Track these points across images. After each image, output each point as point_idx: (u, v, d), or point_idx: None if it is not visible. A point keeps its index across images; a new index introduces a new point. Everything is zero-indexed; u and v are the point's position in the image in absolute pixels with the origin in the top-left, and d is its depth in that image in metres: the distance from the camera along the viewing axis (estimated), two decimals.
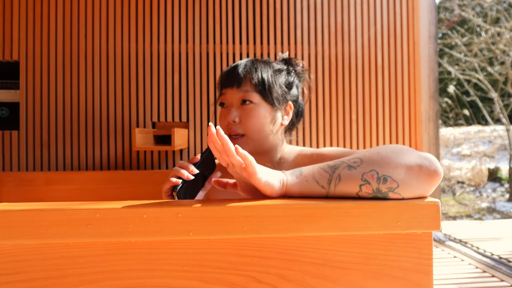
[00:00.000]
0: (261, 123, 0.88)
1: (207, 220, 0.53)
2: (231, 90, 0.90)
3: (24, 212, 0.52)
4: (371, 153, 0.61)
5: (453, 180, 6.29)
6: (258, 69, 0.91)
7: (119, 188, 1.43)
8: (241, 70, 0.90)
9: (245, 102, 0.88)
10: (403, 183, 0.57)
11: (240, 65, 0.91)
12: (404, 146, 0.62)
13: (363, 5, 1.64)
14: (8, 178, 1.41)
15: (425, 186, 0.58)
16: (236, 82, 0.89)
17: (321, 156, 0.88)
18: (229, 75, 0.91)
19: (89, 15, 1.52)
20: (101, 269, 0.54)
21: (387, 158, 0.59)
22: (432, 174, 0.58)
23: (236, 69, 0.91)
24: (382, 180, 0.57)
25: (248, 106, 0.88)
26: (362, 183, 0.58)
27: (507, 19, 5.83)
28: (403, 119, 1.64)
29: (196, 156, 0.80)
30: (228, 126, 0.89)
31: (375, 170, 0.58)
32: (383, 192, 0.57)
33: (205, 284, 0.55)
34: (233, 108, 0.89)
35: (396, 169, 0.57)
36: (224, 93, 0.91)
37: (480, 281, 1.36)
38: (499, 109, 5.88)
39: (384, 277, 0.56)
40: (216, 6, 1.57)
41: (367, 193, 0.58)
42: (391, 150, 0.61)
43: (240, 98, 0.89)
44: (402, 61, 1.64)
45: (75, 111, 1.50)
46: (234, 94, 0.89)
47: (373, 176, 0.57)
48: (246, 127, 0.88)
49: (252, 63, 0.92)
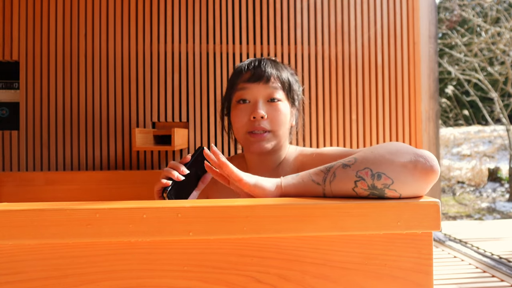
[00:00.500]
0: (285, 121, 0.89)
1: (207, 220, 0.53)
2: (257, 85, 0.87)
3: (24, 212, 0.52)
4: (365, 152, 0.62)
5: (453, 180, 6.29)
6: (283, 68, 0.92)
7: (119, 188, 1.43)
8: (269, 67, 0.88)
9: (273, 99, 0.87)
10: (397, 179, 0.57)
11: (264, 62, 0.90)
12: (401, 144, 0.62)
13: (363, 5, 1.64)
14: (8, 178, 1.41)
15: (421, 183, 0.58)
16: (264, 77, 0.87)
17: (321, 155, 0.88)
18: (254, 70, 0.88)
19: (89, 15, 1.52)
20: (101, 269, 0.54)
21: (381, 156, 0.59)
22: (428, 171, 0.57)
23: (261, 64, 0.89)
24: (376, 176, 0.57)
25: (276, 103, 0.87)
26: (357, 179, 0.58)
27: (507, 19, 5.83)
28: (403, 119, 1.64)
29: (187, 156, 0.78)
30: (253, 122, 0.86)
31: (369, 167, 0.59)
32: (379, 188, 0.57)
33: (205, 284, 0.55)
34: (258, 103, 0.86)
35: (390, 166, 0.58)
36: (245, 88, 0.88)
37: (480, 281, 1.36)
38: (499, 109, 5.88)
39: (384, 277, 0.56)
40: (216, 6, 1.57)
41: (362, 189, 0.58)
42: (386, 148, 0.61)
43: (269, 94, 0.87)
44: (402, 61, 1.64)
45: (75, 111, 1.50)
46: (261, 90, 0.87)
47: (367, 173, 0.58)
48: (274, 124, 0.87)
49: (274, 61, 0.92)
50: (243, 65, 0.91)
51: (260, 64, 0.89)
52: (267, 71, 0.87)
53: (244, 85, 0.88)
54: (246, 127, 0.87)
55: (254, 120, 0.86)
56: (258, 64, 0.89)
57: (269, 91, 0.87)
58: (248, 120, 0.87)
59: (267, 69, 0.88)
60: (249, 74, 0.88)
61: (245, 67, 0.90)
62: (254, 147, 0.86)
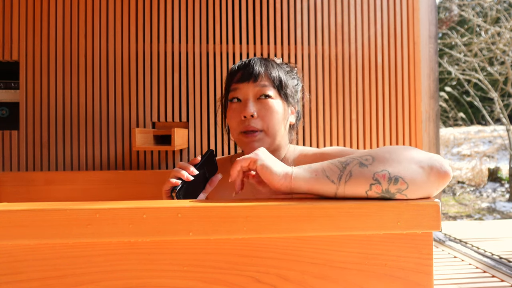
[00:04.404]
0: (278, 118, 0.87)
1: (207, 220, 0.53)
2: (247, 85, 0.86)
3: (24, 212, 0.52)
4: (382, 152, 0.60)
5: (453, 180, 6.29)
6: (274, 66, 0.91)
7: (119, 188, 1.43)
8: (257, 65, 0.88)
9: (262, 96, 0.86)
10: (413, 183, 0.56)
11: (253, 61, 0.89)
12: (413, 147, 0.62)
13: (363, 5, 1.64)
14: (8, 178, 1.40)
15: (433, 187, 0.58)
16: (252, 76, 0.86)
17: (323, 155, 0.88)
18: (243, 70, 0.88)
19: (89, 15, 1.52)
20: (101, 269, 0.54)
21: (398, 158, 0.58)
22: (443, 175, 0.57)
23: (250, 64, 0.88)
24: (394, 180, 0.56)
25: (266, 100, 0.86)
26: (373, 182, 0.57)
27: (507, 19, 5.83)
28: (403, 119, 1.64)
29: (197, 157, 0.79)
30: (244, 122, 0.85)
31: (387, 170, 0.57)
32: (391, 193, 0.57)
33: (205, 284, 0.55)
34: (249, 102, 0.86)
35: (408, 170, 0.57)
36: (236, 88, 0.87)
37: (480, 281, 1.36)
38: (499, 109, 5.88)
39: (384, 277, 0.56)
40: (216, 6, 1.57)
41: (376, 193, 0.57)
42: (402, 150, 0.60)
43: (258, 92, 0.86)
44: (402, 61, 1.64)
45: (75, 111, 1.50)
46: (250, 89, 0.86)
47: (385, 176, 0.57)
48: (265, 122, 0.85)
49: (265, 60, 0.91)
50: (235, 66, 0.91)
51: (249, 63, 0.89)
52: (255, 69, 0.87)
53: (235, 85, 0.88)
54: (240, 127, 0.87)
55: (245, 120, 0.85)
56: (248, 63, 0.89)
57: (258, 88, 0.86)
58: (240, 120, 0.86)
59: (255, 67, 0.87)
60: (239, 74, 0.88)
61: (236, 68, 0.90)
62: (248, 148, 0.86)
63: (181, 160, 1.55)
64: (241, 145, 0.89)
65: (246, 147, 0.86)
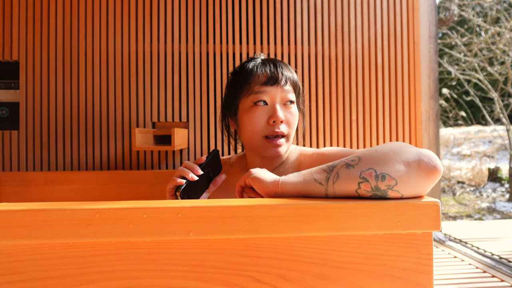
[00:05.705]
0: (296, 124, 0.90)
1: (207, 220, 0.53)
2: (275, 88, 0.85)
3: (24, 212, 0.52)
4: (369, 152, 0.62)
5: (453, 180, 6.29)
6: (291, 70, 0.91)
7: (119, 188, 1.43)
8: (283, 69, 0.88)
9: (288, 102, 0.87)
10: (401, 180, 0.57)
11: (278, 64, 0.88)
12: (403, 143, 0.62)
13: (363, 5, 1.64)
14: (8, 178, 1.40)
15: (424, 183, 0.58)
16: (281, 80, 0.86)
17: (322, 155, 0.88)
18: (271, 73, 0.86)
19: (89, 15, 1.52)
20: (101, 269, 0.54)
21: (385, 155, 0.59)
22: (432, 170, 0.58)
23: (277, 66, 0.88)
24: (381, 177, 0.57)
25: (291, 106, 0.87)
26: (361, 180, 0.58)
27: (507, 19, 5.83)
28: (403, 119, 1.64)
29: (202, 157, 0.79)
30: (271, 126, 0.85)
31: (373, 168, 0.58)
32: (382, 190, 0.57)
33: (205, 284, 0.55)
34: (278, 107, 0.85)
35: (394, 167, 0.58)
36: (263, 91, 0.85)
37: (480, 281, 1.36)
38: (499, 109, 5.88)
39: (384, 277, 0.56)
40: (216, 6, 1.57)
41: (366, 191, 0.58)
42: (389, 148, 0.61)
43: (284, 97, 0.86)
44: (402, 61, 1.64)
45: (75, 111, 1.50)
46: (278, 93, 0.86)
47: (371, 174, 0.58)
48: (291, 128, 0.87)
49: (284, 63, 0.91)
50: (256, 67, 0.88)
51: (276, 66, 0.88)
52: (284, 74, 0.87)
53: (261, 87, 0.85)
54: (265, 131, 0.85)
55: (273, 124, 0.85)
56: (274, 66, 0.88)
57: (284, 94, 0.86)
58: (266, 124, 0.85)
59: (284, 71, 0.87)
60: (265, 77, 0.86)
61: (260, 69, 0.87)
62: (271, 152, 0.85)
63: (181, 160, 1.55)
64: (263, 149, 0.87)
65: (271, 151, 0.86)
